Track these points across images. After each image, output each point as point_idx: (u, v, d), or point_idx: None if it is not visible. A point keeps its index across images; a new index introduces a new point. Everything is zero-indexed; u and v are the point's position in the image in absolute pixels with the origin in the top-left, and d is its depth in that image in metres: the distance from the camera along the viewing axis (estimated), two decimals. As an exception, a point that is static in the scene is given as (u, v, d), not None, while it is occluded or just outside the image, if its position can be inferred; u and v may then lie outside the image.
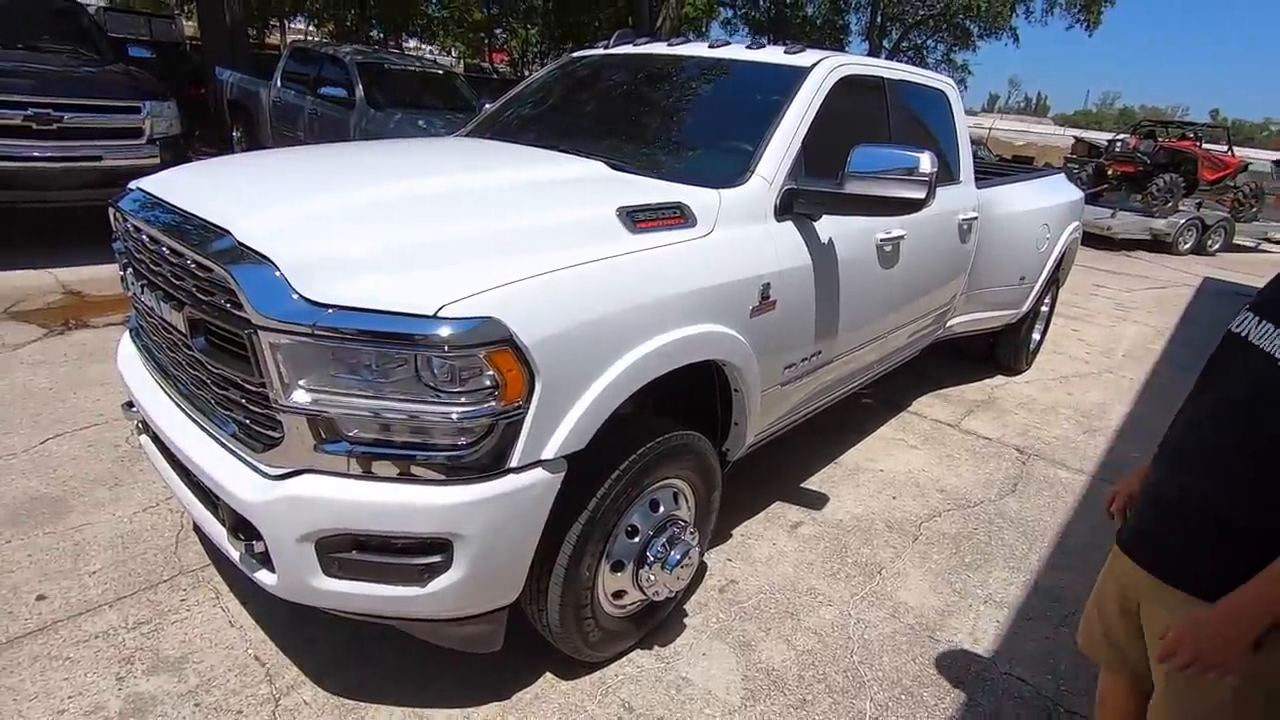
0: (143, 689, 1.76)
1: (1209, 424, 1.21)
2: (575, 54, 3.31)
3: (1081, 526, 2.95)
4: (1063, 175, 5.00)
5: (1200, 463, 1.21)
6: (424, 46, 27.12)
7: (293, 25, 25.82)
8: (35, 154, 4.60)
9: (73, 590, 2.06)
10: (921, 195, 2.07)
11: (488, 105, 3.39)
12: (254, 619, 2.01)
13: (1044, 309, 4.78)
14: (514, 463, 1.47)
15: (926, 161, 2.06)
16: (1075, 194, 4.72)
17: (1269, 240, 12.81)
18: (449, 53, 27.91)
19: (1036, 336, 4.83)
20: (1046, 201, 4.21)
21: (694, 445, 1.98)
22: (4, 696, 1.70)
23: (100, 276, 4.57)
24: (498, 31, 25.20)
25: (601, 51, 3.16)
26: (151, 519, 2.40)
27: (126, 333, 2.13)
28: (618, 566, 1.85)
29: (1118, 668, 1.42)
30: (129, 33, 11.89)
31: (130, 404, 1.96)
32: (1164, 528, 1.25)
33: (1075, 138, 17.41)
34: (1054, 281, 4.64)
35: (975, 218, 3.47)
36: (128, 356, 2.04)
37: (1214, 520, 1.16)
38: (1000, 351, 4.57)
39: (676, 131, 2.67)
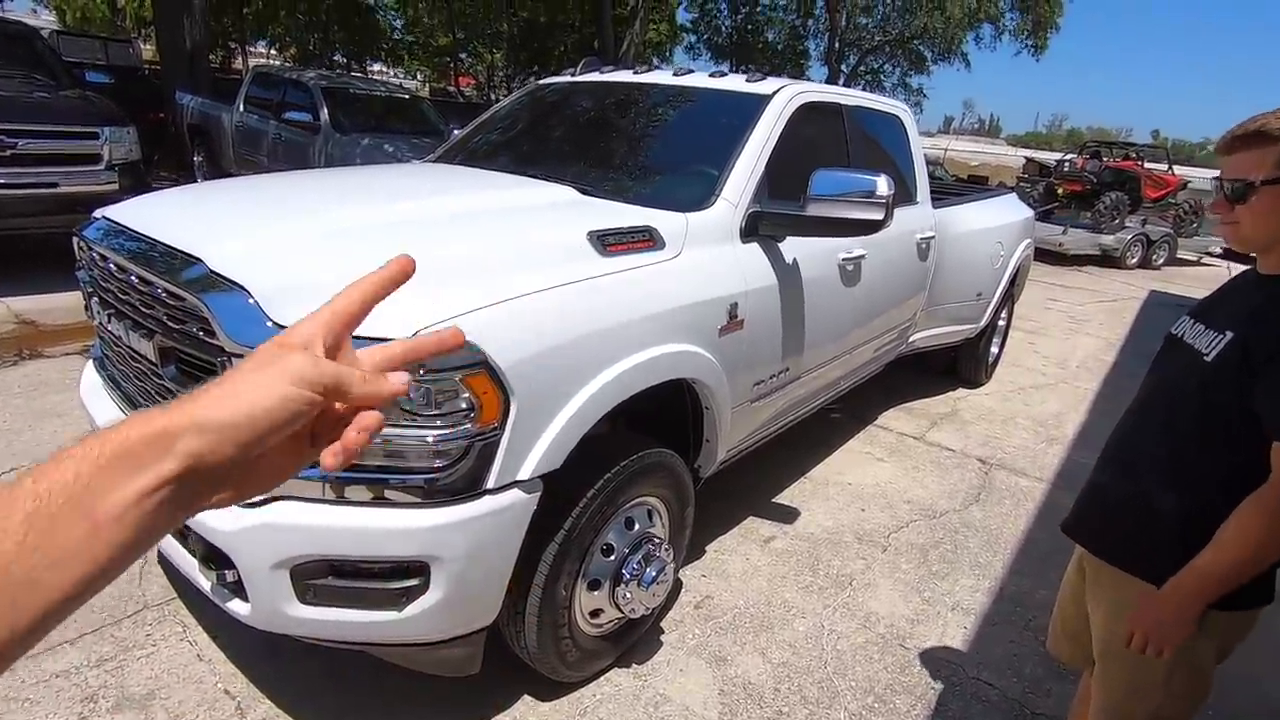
0: (107, 728, 1.72)
1: (1149, 417, 1.31)
2: (543, 81, 3.37)
3: (1042, 533, 3.05)
4: (1014, 195, 5.22)
5: (1131, 449, 1.30)
6: (389, 71, 27.10)
7: (254, 49, 25.61)
8: (-13, 181, 4.48)
9: (31, 629, 1.99)
10: (880, 216, 2.16)
11: (456, 131, 3.43)
12: (223, 651, 1.97)
13: (1001, 323, 4.95)
14: (490, 484, 1.49)
15: (883, 184, 2.15)
16: (1026, 212, 4.92)
17: (1209, 254, 13.43)
18: (414, 77, 27.93)
19: (995, 350, 4.99)
20: (999, 220, 4.38)
21: (667, 463, 2.02)
22: (-41, 742, 1.64)
23: (55, 305, 4.46)
24: (463, 56, 25.33)
25: (569, 79, 3.23)
26: (114, 553, 2.33)
27: (90, 362, 2.09)
28: (594, 585, 1.87)
29: (1083, 663, 1.49)
30: (84, 57, 11.66)
31: (94, 435, 1.93)
32: (1099, 510, 1.33)
33: (1027, 158, 18.07)
34: (1009, 297, 4.82)
35: (933, 236, 3.60)
36: (91, 386, 2.01)
37: (1144, 503, 1.24)
38: (961, 365, 4.71)
39: (644, 157, 2.74)
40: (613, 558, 1.89)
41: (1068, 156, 14.77)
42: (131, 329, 1.64)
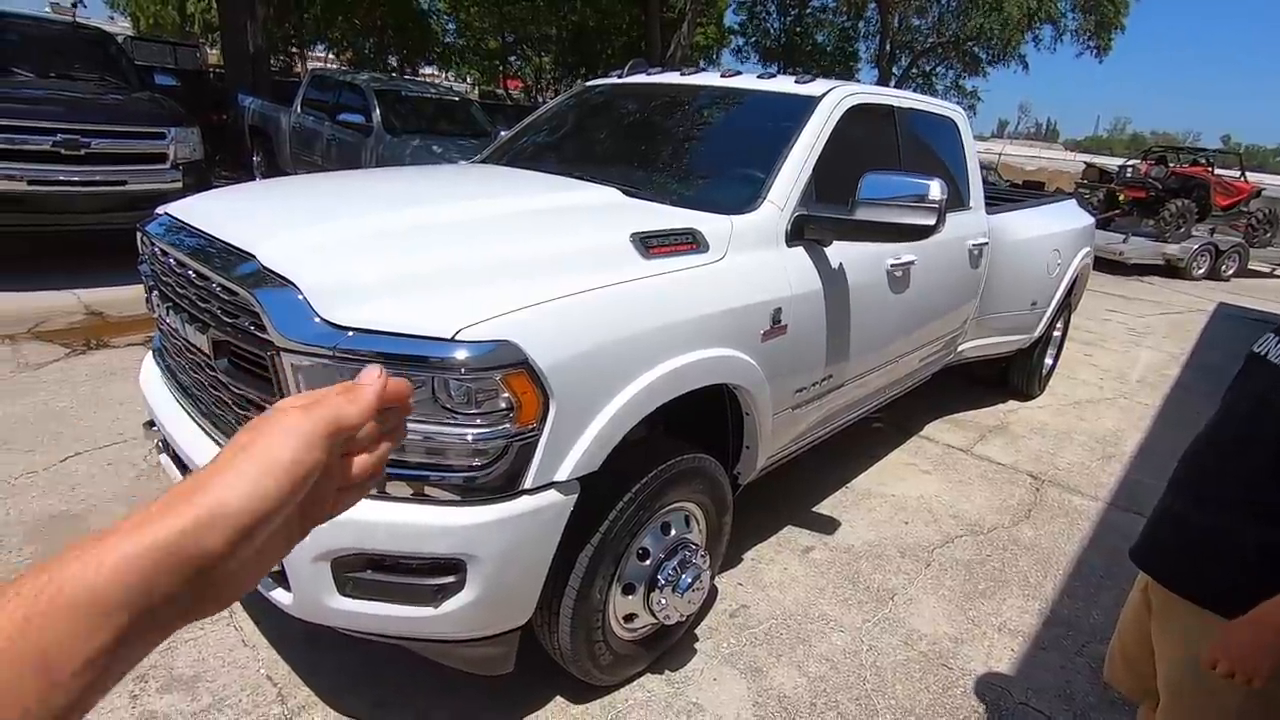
0: (155, 707, 1.77)
1: (1225, 443, 1.22)
2: (590, 83, 3.38)
3: (1097, 555, 2.91)
4: (1074, 201, 5.02)
5: (1212, 477, 1.21)
6: (440, 73, 27.68)
7: (313, 54, 26.49)
8: (61, 178, 4.72)
9: (89, 608, 2.07)
10: (931, 222, 2.10)
11: (503, 132, 3.46)
12: (267, 639, 2.02)
13: (1056, 334, 4.77)
14: (528, 484, 1.49)
15: (936, 189, 2.09)
16: (1086, 219, 4.73)
17: (1285, 265, 12.74)
18: (464, 80, 28.46)
19: (1049, 361, 4.81)
20: (1057, 227, 4.22)
21: (706, 468, 1.99)
22: (20, 713, 1.72)
23: (121, 298, 4.66)
24: (512, 59, 25.70)
25: (615, 80, 3.23)
26: (167, 537, 2.42)
27: (149, 353, 2.18)
28: (629, 589, 1.85)
29: (1142, 696, 1.41)
30: (155, 61, 12.22)
31: (151, 423, 2.00)
32: (1174, 541, 1.25)
33: (1086, 163, 17.46)
34: (1066, 306, 4.63)
35: (986, 243, 3.49)
36: (150, 376, 2.09)
37: (1225, 536, 1.16)
38: (1013, 376, 4.56)
39: (689, 159, 2.71)
40: (648, 562, 1.88)
41: (1130, 162, 14.20)
42: (187, 322, 1.70)
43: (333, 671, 1.93)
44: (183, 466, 1.85)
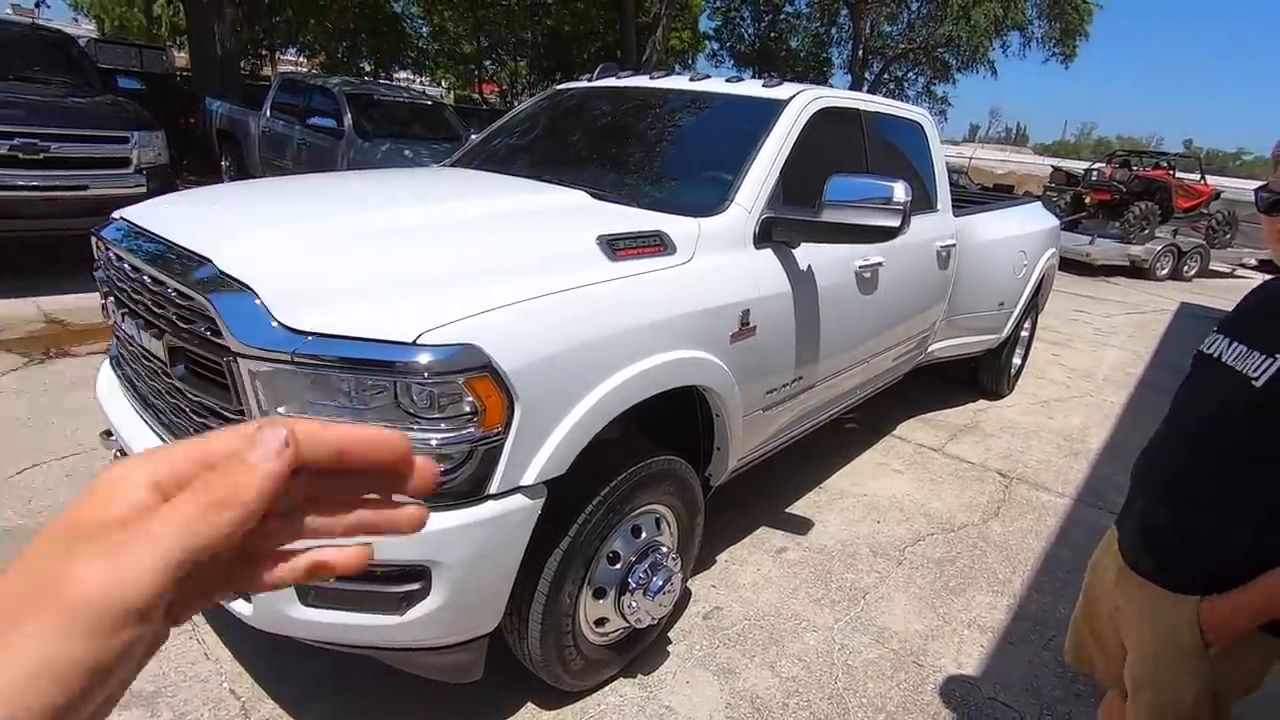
0: (113, 725, 1.72)
1: (1182, 440, 1.25)
2: (560, 86, 3.38)
3: (1064, 549, 2.96)
4: (1039, 204, 5.12)
5: (1177, 477, 1.24)
6: (415, 78, 27.48)
7: (284, 57, 26.15)
8: (20, 183, 4.60)
9: (44, 623, 2.01)
10: (896, 223, 2.12)
11: (474, 136, 3.44)
12: (230, 650, 1.98)
13: (1024, 334, 4.85)
14: (494, 489, 1.48)
15: (900, 190, 2.11)
16: (1051, 221, 4.82)
17: (1244, 266, 13.10)
18: (439, 84, 28.29)
19: (1018, 361, 4.89)
20: (1023, 229, 4.30)
21: (676, 470, 1.99)
22: (-31, 734, 1.66)
23: (83, 305, 4.55)
24: (487, 64, 25.61)
25: (586, 84, 3.23)
26: (128, 550, 2.36)
27: (107, 361, 2.12)
28: (600, 593, 1.84)
29: (1113, 681, 1.44)
30: (119, 64, 11.97)
31: (109, 433, 1.95)
32: (1151, 548, 1.28)
33: (1054, 167, 17.81)
34: (1033, 307, 4.72)
35: (953, 245, 3.54)
36: (107, 385, 2.04)
37: (1197, 541, 1.19)
38: (982, 376, 4.62)
39: (658, 161, 2.72)
40: (619, 566, 1.87)
41: (1095, 165, 14.54)
42: (143, 328, 1.66)
43: (298, 682, 1.89)
44: (140, 476, 1.80)
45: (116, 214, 1.95)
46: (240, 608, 1.52)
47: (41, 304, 4.60)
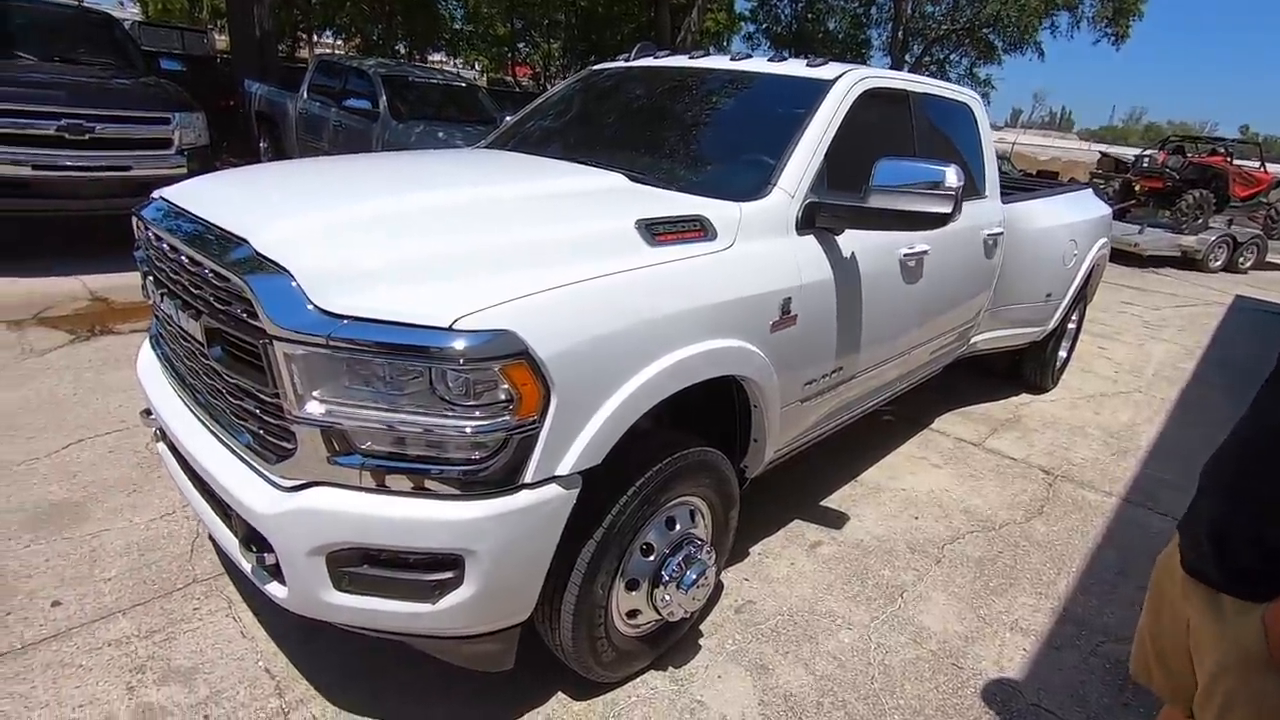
0: (153, 699, 1.75)
1: (1265, 452, 1.16)
2: (596, 66, 3.31)
3: (1111, 551, 2.85)
4: (1090, 191, 4.92)
5: (1256, 489, 1.15)
6: (448, 60, 27.51)
7: (321, 39, 26.38)
8: (67, 164, 4.70)
9: (88, 597, 2.06)
10: (947, 210, 2.03)
11: (508, 118, 3.40)
12: (266, 630, 2.00)
13: (1071, 326, 4.69)
14: (528, 478, 1.45)
15: (952, 175, 2.02)
16: (1103, 209, 4.63)
17: (1303, 258, 12.52)
18: (472, 66, 28.29)
19: (1063, 354, 4.73)
20: (1074, 217, 4.13)
21: (712, 462, 1.94)
22: (14, 704, 1.70)
23: (126, 284, 4.65)
24: (521, 46, 25.52)
25: (622, 64, 3.16)
26: (168, 526, 2.40)
27: (147, 340, 2.14)
28: (632, 585, 1.81)
29: (1172, 696, 1.36)
30: (162, 46, 12.19)
31: (148, 411, 1.97)
32: (1220, 554, 1.19)
33: (1101, 153, 17.20)
34: (1081, 298, 4.55)
35: (1001, 233, 3.41)
36: (147, 364, 2.05)
37: (1271, 547, 1.11)
38: (1026, 369, 4.48)
39: (697, 144, 2.65)
40: (652, 558, 1.84)
41: (1147, 152, 13.98)
42: (181, 309, 1.66)
43: (331, 665, 1.90)
44: (179, 455, 1.81)
45: (156, 194, 1.95)
46: (276, 590, 1.52)
47: (87, 282, 4.71)
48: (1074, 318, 4.67)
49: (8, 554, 2.19)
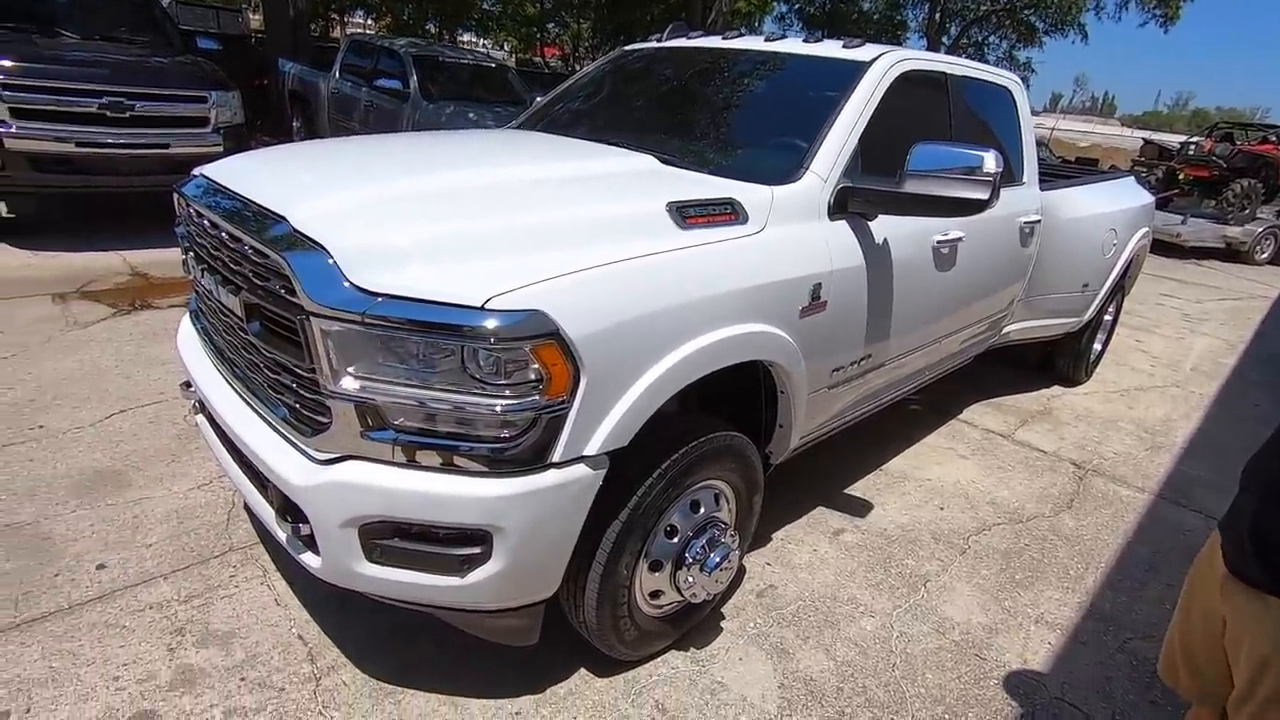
0: (192, 661, 1.82)
1: None
2: (627, 47, 3.29)
3: (1142, 548, 2.81)
4: (1132, 178, 4.77)
5: None
6: (478, 40, 27.46)
7: (352, 19, 26.49)
8: (108, 140, 4.80)
9: (130, 561, 2.13)
10: (985, 196, 1.99)
11: (539, 98, 3.40)
12: (299, 599, 2.05)
13: (1107, 318, 4.58)
14: (556, 458, 1.46)
15: (991, 160, 1.98)
16: (1145, 198, 4.50)
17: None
18: (501, 47, 28.22)
19: (1098, 346, 4.62)
20: (1115, 205, 4.02)
21: (737, 447, 1.95)
22: (64, 660, 1.78)
23: (165, 260, 4.76)
24: (550, 26, 25.37)
25: (654, 45, 3.13)
26: (205, 496, 2.47)
27: (187, 314, 2.19)
28: (656, 566, 1.83)
29: (1201, 699, 1.34)
30: (198, 25, 12.35)
31: (188, 383, 2.02)
32: (1262, 552, 1.16)
33: (1144, 139, 16.65)
34: (1119, 289, 4.44)
35: (1038, 221, 3.33)
36: (187, 337, 2.11)
37: None
38: (1058, 361, 4.39)
39: (729, 126, 2.62)
40: (676, 540, 1.85)
41: (1194, 138, 13.51)
42: (221, 284, 1.69)
43: (361, 634, 1.95)
44: (217, 427, 1.86)
45: (197, 170, 1.99)
46: (310, 560, 1.56)
47: (127, 257, 4.83)
48: (1111, 309, 4.56)
49: (56, 518, 2.28)
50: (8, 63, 4.50)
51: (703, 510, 1.92)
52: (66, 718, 1.63)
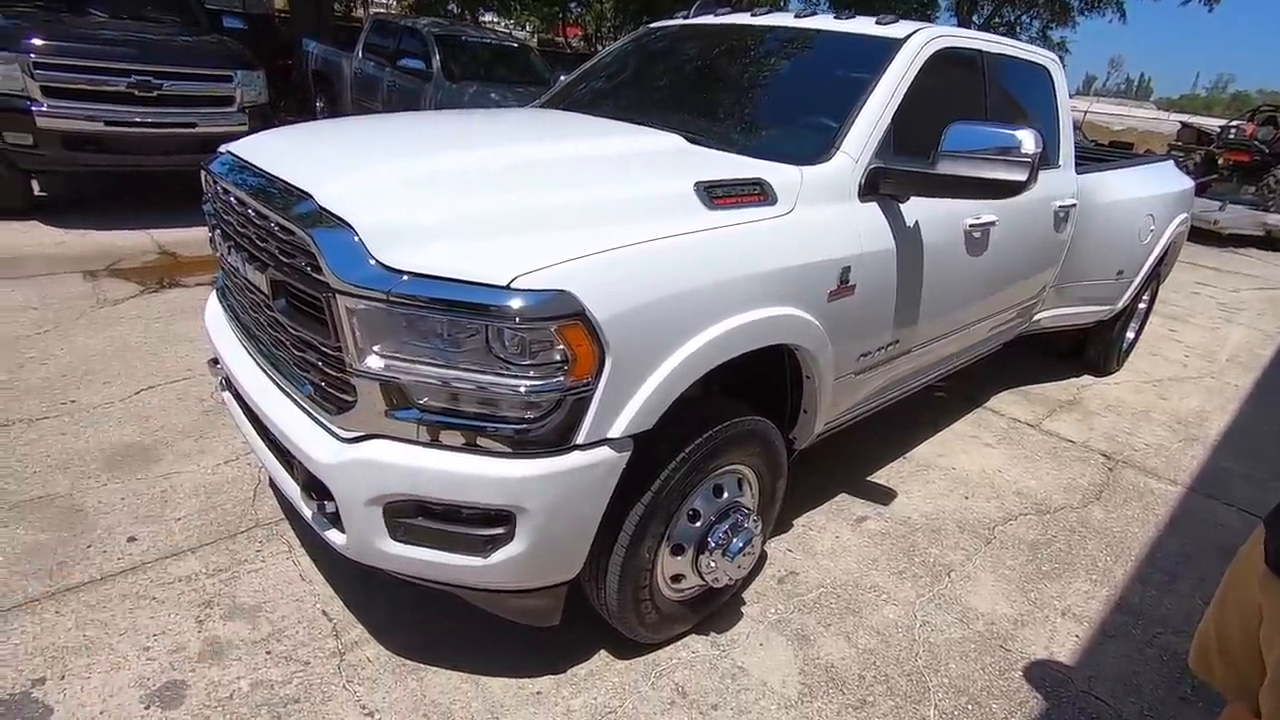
0: (220, 633, 1.85)
1: None
2: (653, 24, 3.23)
3: (1174, 542, 2.74)
4: (1171, 162, 4.62)
5: None
6: (499, 21, 27.28)
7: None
8: (136, 119, 4.84)
9: (160, 534, 2.17)
10: (1022, 178, 1.93)
11: (562, 77, 3.35)
12: (323, 574, 2.08)
13: (1141, 306, 4.47)
14: (580, 439, 1.45)
15: (1030, 140, 1.92)
16: (1184, 183, 4.36)
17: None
18: (523, 27, 28.00)
19: (1130, 335, 4.51)
20: (1154, 190, 3.90)
21: (762, 432, 1.92)
22: (98, 629, 1.81)
23: (192, 238, 4.81)
24: (573, 5, 25.10)
25: (681, 22, 3.07)
26: (232, 471, 2.51)
27: (214, 292, 2.21)
28: (678, 550, 1.82)
29: (1237, 694, 1.31)
30: (224, 4, 12.38)
31: (215, 360, 2.04)
32: None
33: (1182, 123, 16.15)
34: (1155, 277, 4.32)
35: (1073, 205, 3.24)
36: (214, 315, 2.12)
37: None
38: (1089, 349, 4.29)
39: (758, 105, 2.56)
40: (699, 524, 1.84)
41: (1234, 122, 13.07)
42: (247, 261, 1.70)
43: (385, 611, 1.97)
44: (243, 404, 1.88)
45: (224, 148, 1.99)
46: (335, 537, 1.57)
47: (155, 236, 4.89)
48: (1145, 297, 4.44)
49: (89, 491, 2.32)
50: (39, 41, 4.54)
51: (726, 495, 1.90)
52: (100, 686, 1.66)
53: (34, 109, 4.50)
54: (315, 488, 1.56)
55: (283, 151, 1.88)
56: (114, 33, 5.13)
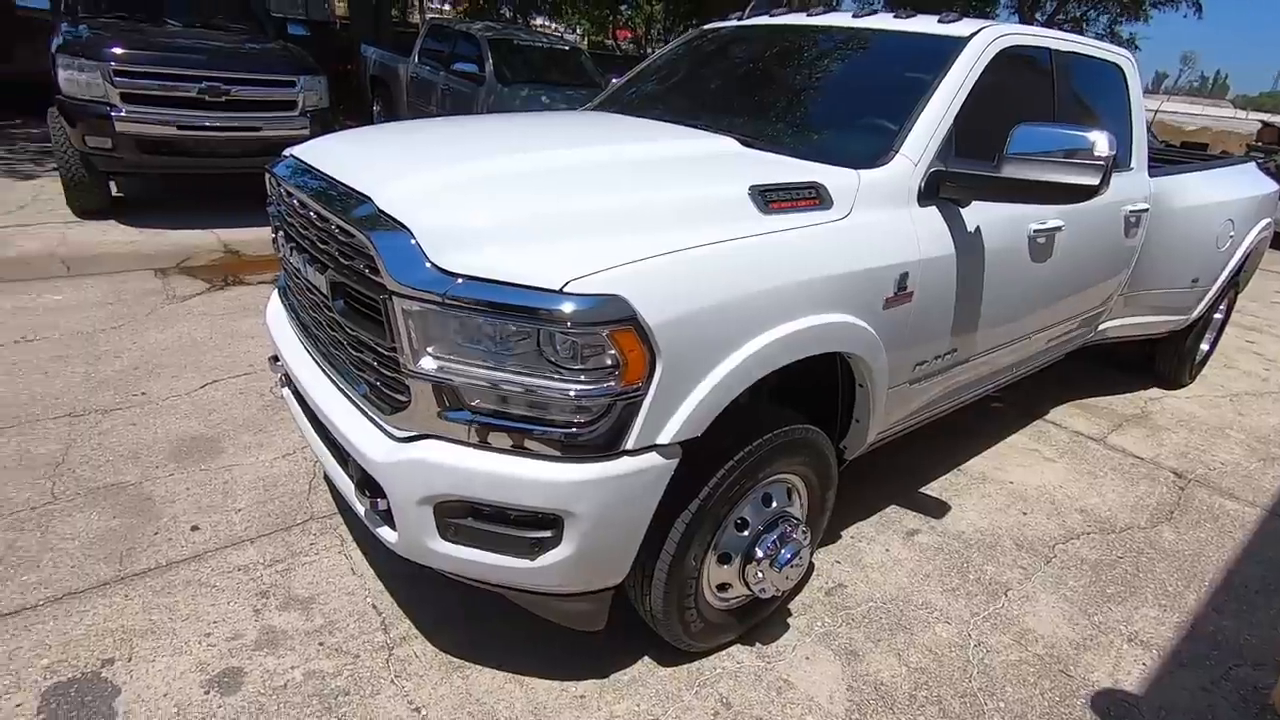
0: (275, 623, 1.90)
1: None
2: (706, 26, 3.20)
3: (1253, 568, 2.58)
4: (1253, 165, 4.36)
5: None
6: (550, 24, 27.59)
7: (430, 4, 27.06)
8: (206, 124, 5.05)
9: (221, 524, 2.25)
10: (1094, 182, 1.85)
11: (614, 79, 3.36)
12: (374, 570, 2.12)
13: (1217, 316, 4.23)
14: (629, 445, 1.44)
15: (1104, 143, 1.83)
16: (1269, 187, 4.11)
17: None
18: (574, 30, 28.26)
19: (1205, 347, 4.28)
20: (1234, 194, 3.69)
21: (812, 440, 1.88)
22: (162, 614, 1.89)
23: (255, 238, 4.99)
24: (623, 8, 25.23)
25: (735, 23, 3.04)
26: (289, 465, 2.58)
27: (275, 291, 2.28)
28: (725, 559, 1.80)
29: None
30: (288, 11, 12.85)
31: (275, 357, 2.10)
32: None
33: (1262, 123, 15.27)
34: (1233, 286, 4.09)
35: (1145, 209, 3.09)
36: (275, 313, 2.19)
37: None
38: (1159, 361, 4.09)
39: (814, 107, 2.52)
40: (746, 533, 1.81)
41: (1322, 121, 12.27)
42: (308, 262, 1.74)
43: (433, 608, 2.00)
44: (302, 400, 1.93)
45: (287, 151, 2.05)
46: (386, 534, 1.59)
47: (221, 235, 5.09)
48: (1222, 307, 4.21)
49: (156, 480, 2.43)
50: (119, 50, 4.78)
51: (774, 504, 1.87)
52: (164, 669, 1.73)
53: (113, 114, 4.73)
54: (369, 485, 1.58)
55: (344, 155, 1.93)
56: (187, 41, 5.36)
